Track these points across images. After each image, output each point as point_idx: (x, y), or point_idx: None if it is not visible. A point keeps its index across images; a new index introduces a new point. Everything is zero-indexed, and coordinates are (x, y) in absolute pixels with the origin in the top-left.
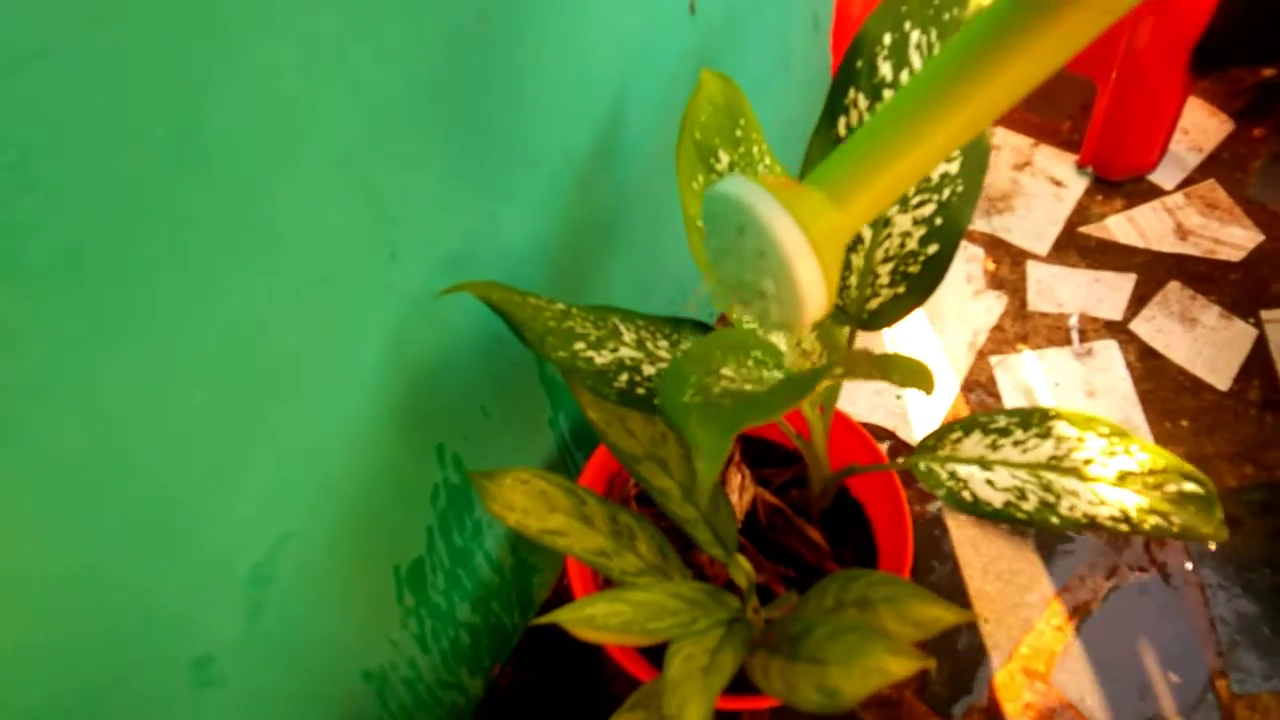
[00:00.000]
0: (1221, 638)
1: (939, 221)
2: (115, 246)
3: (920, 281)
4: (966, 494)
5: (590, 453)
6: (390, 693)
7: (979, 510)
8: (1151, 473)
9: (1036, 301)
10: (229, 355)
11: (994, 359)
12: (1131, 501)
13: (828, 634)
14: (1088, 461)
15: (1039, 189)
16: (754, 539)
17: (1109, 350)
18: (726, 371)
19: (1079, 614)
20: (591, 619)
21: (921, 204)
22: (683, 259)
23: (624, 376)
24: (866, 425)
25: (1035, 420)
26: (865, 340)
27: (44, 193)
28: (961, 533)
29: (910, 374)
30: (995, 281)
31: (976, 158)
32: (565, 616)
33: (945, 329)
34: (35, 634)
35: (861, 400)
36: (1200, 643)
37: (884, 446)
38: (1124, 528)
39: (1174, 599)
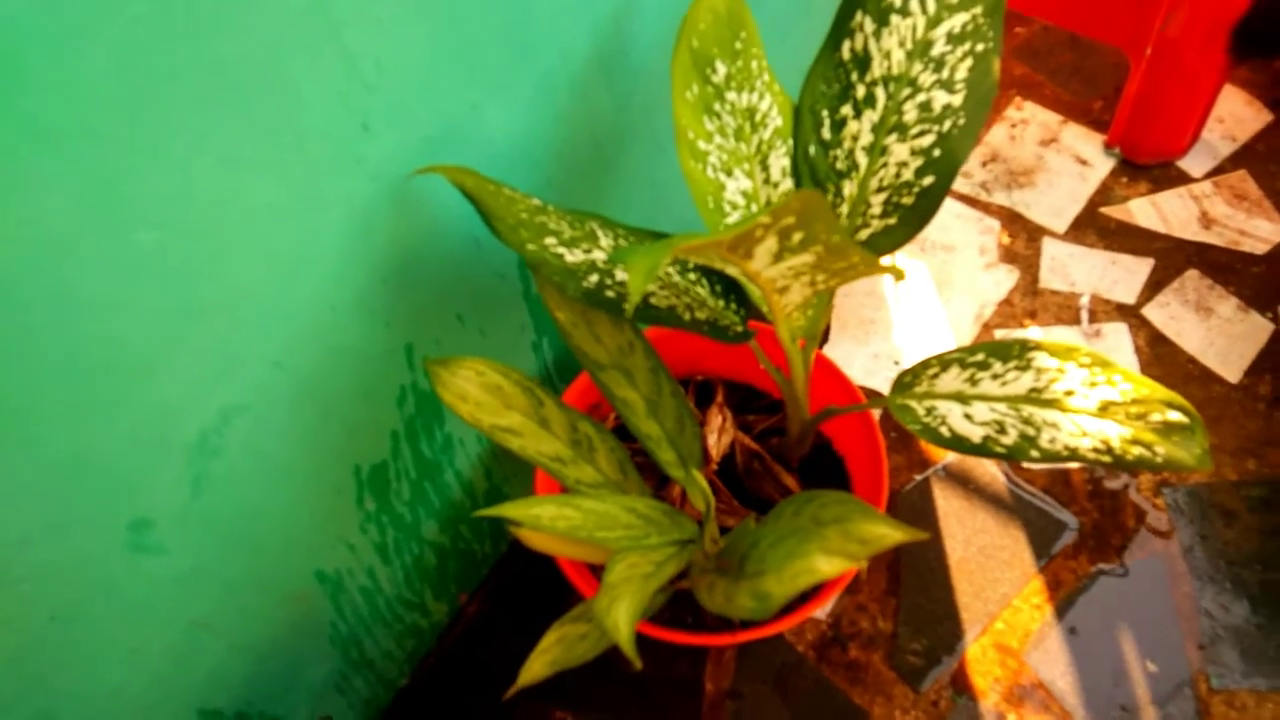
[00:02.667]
0: (1204, 631)
1: (937, 153)
2: (55, 55)
3: (913, 213)
4: (944, 429)
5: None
6: (346, 599)
7: (957, 445)
8: (1135, 402)
9: (1049, 279)
10: (180, 200)
11: (999, 333)
12: (1114, 432)
13: (769, 545)
14: (1069, 393)
15: (1063, 166)
16: (730, 484)
17: (1118, 333)
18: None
19: (1059, 594)
20: (537, 518)
21: (921, 134)
22: (684, 194)
23: (594, 277)
24: (863, 389)
25: (1014, 352)
26: (867, 299)
27: None
28: (947, 504)
29: (866, 264)
30: (1009, 255)
31: (981, 92)
32: (511, 512)
33: (952, 298)
34: None
35: (859, 365)
36: (1182, 634)
37: (879, 413)
38: (1106, 459)
39: (1159, 587)
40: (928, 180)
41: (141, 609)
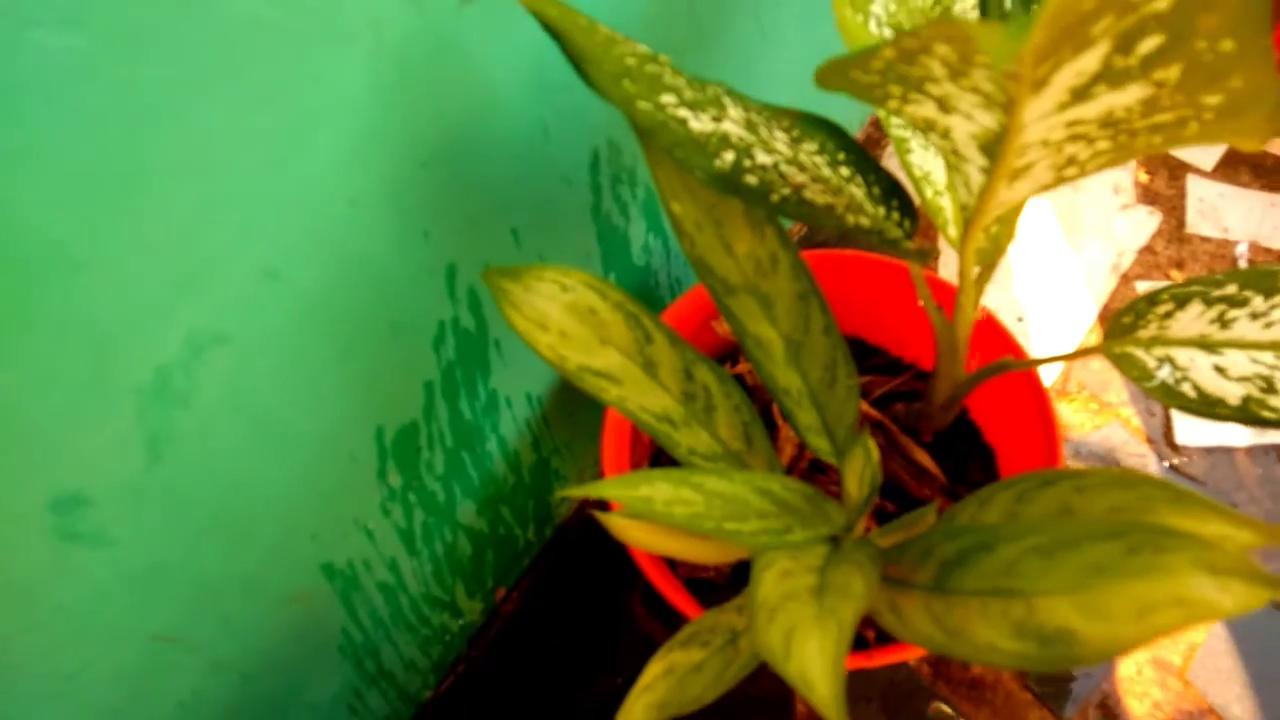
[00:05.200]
0: None
1: None
2: None
3: None
4: (1187, 387)
5: None
6: (361, 599)
7: (1207, 408)
8: None
9: (1197, 223)
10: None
11: (1140, 285)
12: None
13: (1032, 549)
14: None
15: None
16: None
17: None
18: None
19: None
20: (650, 502)
21: None
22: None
23: (729, 155)
24: None
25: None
26: None
27: None
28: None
29: (1256, 96)
30: (1148, 196)
31: None
32: (616, 492)
33: (1084, 246)
34: None
35: None
36: None
37: None
38: None
39: None
40: None
41: (79, 620)
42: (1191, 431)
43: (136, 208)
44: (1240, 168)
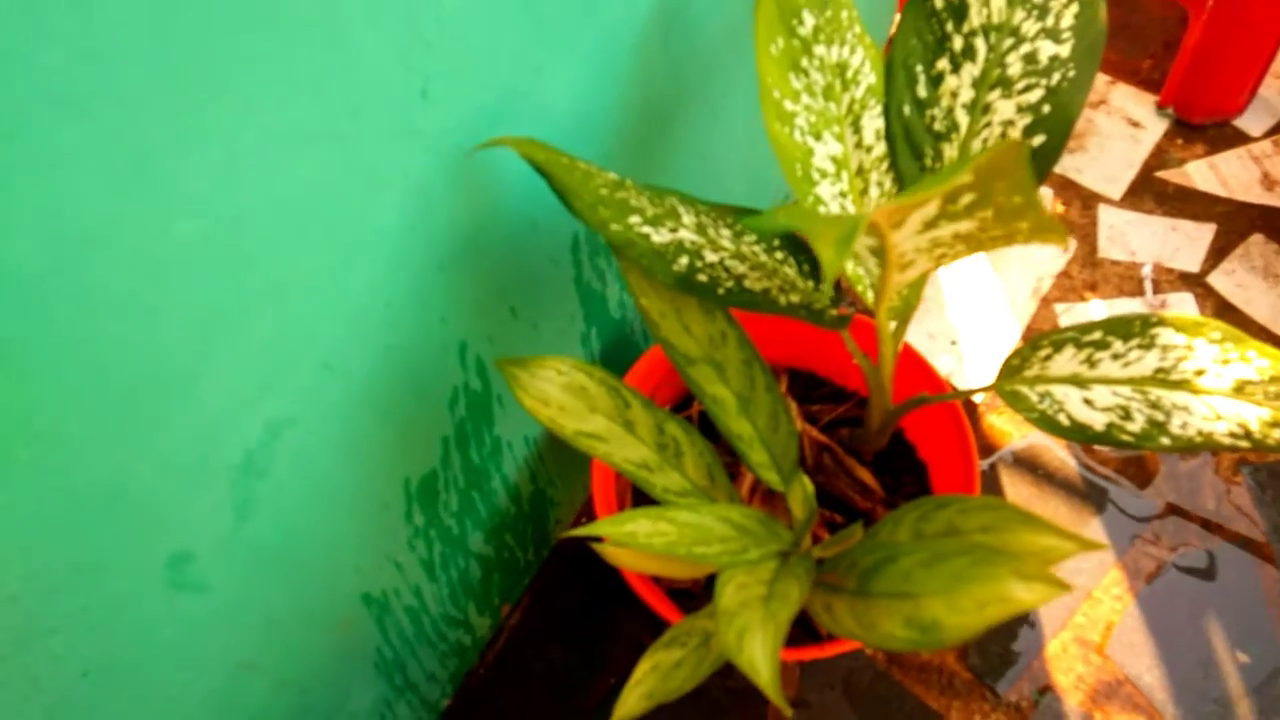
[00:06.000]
0: None
1: (1046, 109)
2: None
3: None
4: (1063, 417)
5: (621, 376)
6: (392, 621)
7: (1078, 434)
8: (1273, 380)
9: (1108, 248)
10: (223, 181)
11: (1059, 307)
12: (1252, 414)
13: (919, 562)
14: (1199, 372)
15: (1115, 129)
16: None
17: (1184, 304)
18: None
19: (1140, 583)
20: (633, 535)
21: (1028, 89)
22: (733, 166)
23: (684, 259)
24: None
25: (1136, 329)
26: None
27: None
28: (1016, 491)
29: (1040, 228)
30: (1064, 225)
31: (1089, 40)
32: (606, 530)
33: (1008, 272)
34: None
35: (915, 342)
36: (1273, 620)
37: None
38: (1245, 444)
39: (1245, 572)
40: (1038, 140)
41: (182, 653)
42: None
43: (236, 333)
44: (1145, 196)
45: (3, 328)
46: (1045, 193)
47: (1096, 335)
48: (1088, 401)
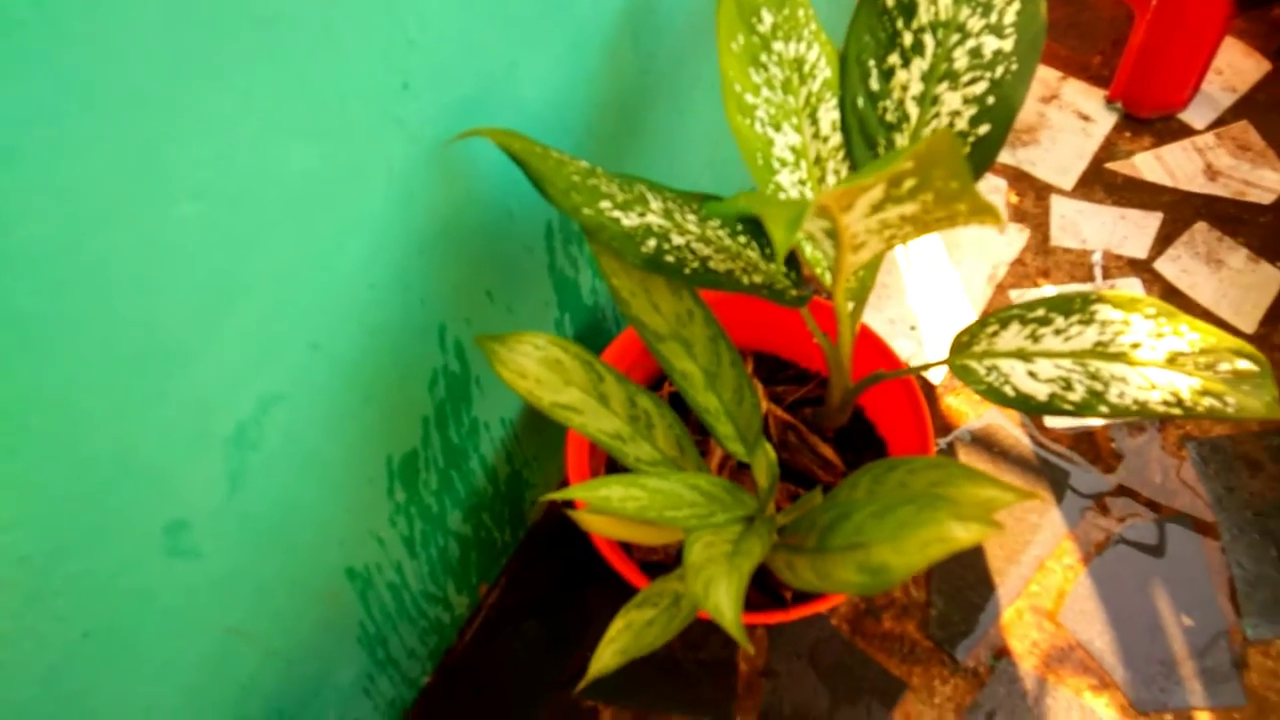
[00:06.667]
0: (1237, 582)
1: (991, 100)
2: (107, 5)
3: (970, 165)
4: (1008, 389)
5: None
6: (374, 596)
7: (1023, 404)
8: (1203, 352)
9: (1060, 236)
10: (222, 168)
11: (1014, 293)
12: (1184, 384)
13: (870, 515)
14: (1135, 345)
15: (1066, 123)
16: None
17: (1133, 288)
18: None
19: (1090, 553)
20: (607, 500)
21: (973, 81)
22: (698, 159)
23: (652, 242)
24: None
25: (1076, 305)
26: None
27: None
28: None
29: (976, 209)
30: (1018, 214)
31: (1031, 35)
32: (582, 494)
33: (964, 260)
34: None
35: (876, 327)
36: (1215, 587)
37: None
38: (1177, 411)
39: (1190, 542)
40: (983, 129)
41: (176, 618)
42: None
43: (231, 311)
44: (1095, 186)
45: (22, 302)
46: (1000, 183)
47: (1040, 312)
48: (1032, 374)
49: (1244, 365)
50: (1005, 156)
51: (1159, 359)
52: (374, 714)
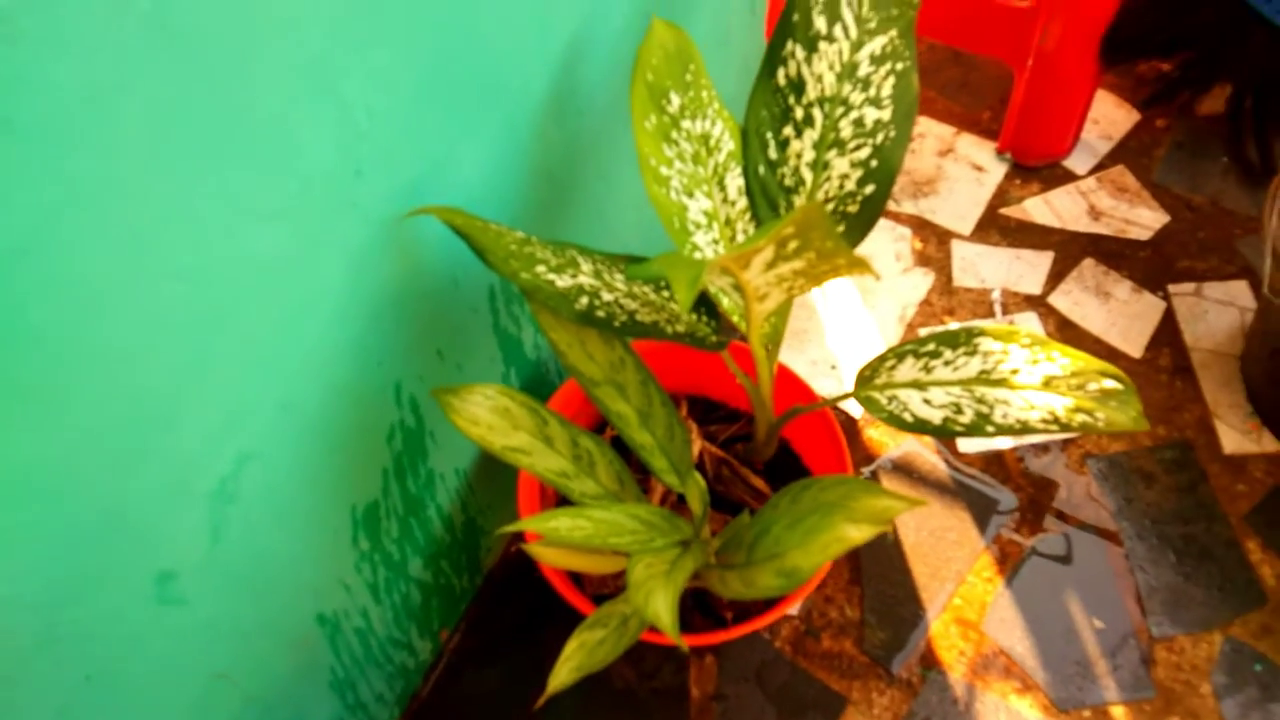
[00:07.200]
0: (1140, 585)
1: (874, 164)
2: (100, 117)
3: (859, 220)
4: (907, 415)
5: None
6: (343, 641)
7: (921, 428)
8: (1074, 374)
9: (961, 277)
10: (201, 251)
11: (923, 331)
12: (1059, 403)
13: (784, 527)
14: (1014, 371)
15: (961, 174)
16: None
17: (1030, 322)
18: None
19: (1007, 566)
20: (556, 530)
21: (858, 148)
22: (627, 222)
23: (584, 300)
24: None
25: (961, 339)
26: (798, 311)
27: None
28: (871, 482)
29: (852, 264)
30: (922, 259)
31: (906, 105)
32: (533, 525)
33: (876, 303)
34: (4, 519)
35: (799, 371)
36: (1120, 591)
37: None
38: (1054, 428)
39: (1095, 550)
40: (869, 189)
41: (166, 663)
42: (968, 442)
43: (208, 377)
44: (991, 230)
45: (28, 377)
46: (905, 231)
47: (931, 346)
48: (926, 401)
49: (1110, 384)
50: (908, 206)
51: (1036, 382)
52: None
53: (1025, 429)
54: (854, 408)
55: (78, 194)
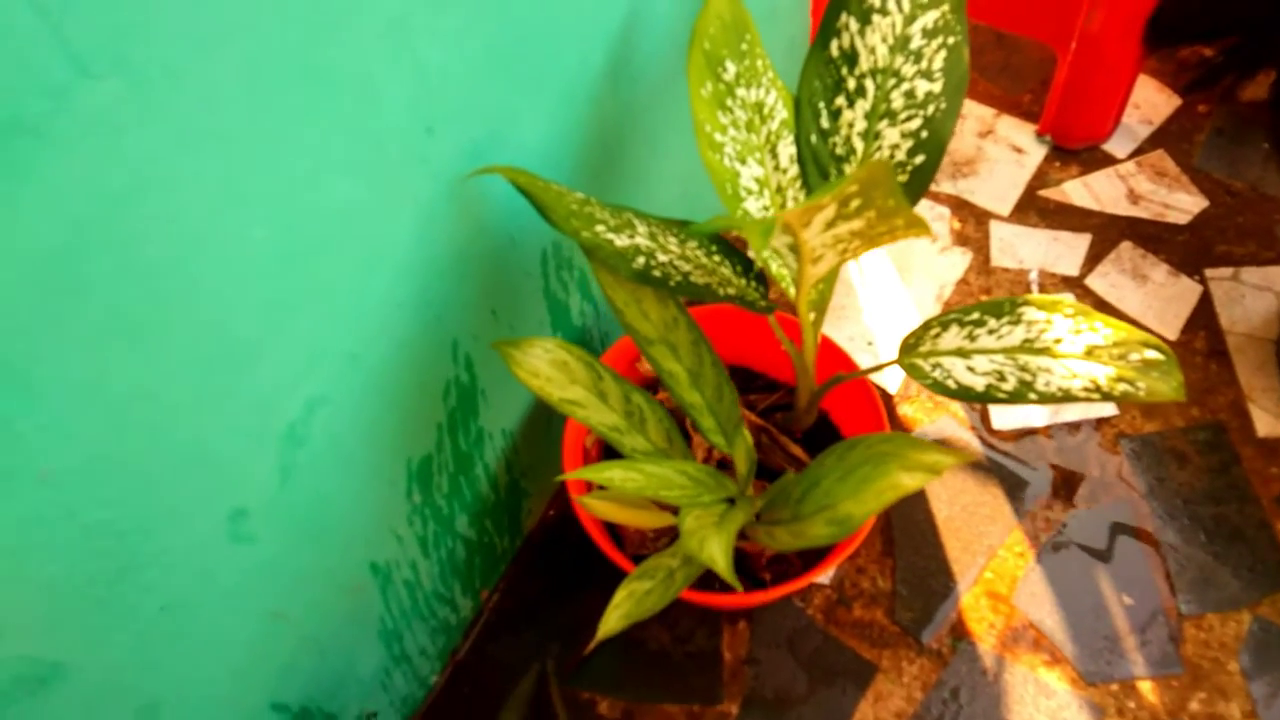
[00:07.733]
0: (1170, 564)
1: (925, 135)
2: (206, 65)
3: (909, 189)
4: (951, 382)
5: None
6: (393, 592)
7: (964, 395)
8: (1116, 344)
9: (999, 258)
10: (288, 196)
11: None
12: (1100, 372)
13: (835, 479)
14: (1057, 340)
15: (1001, 155)
16: None
17: None
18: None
19: (1039, 542)
20: (611, 480)
21: (909, 119)
22: (671, 194)
23: (641, 259)
24: None
25: (1006, 309)
26: (837, 287)
27: None
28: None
29: (910, 223)
30: (960, 239)
31: (956, 78)
32: (590, 474)
33: (913, 281)
34: (109, 445)
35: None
36: (1151, 568)
37: None
38: (1096, 397)
39: (1127, 529)
40: (919, 159)
41: (231, 599)
42: (1002, 419)
43: (287, 322)
44: (1029, 211)
45: (135, 311)
46: (944, 211)
47: (975, 315)
48: (970, 368)
49: (1152, 355)
50: (947, 186)
51: (1078, 351)
52: (390, 709)
53: (1067, 397)
54: (890, 383)
55: (185, 138)
